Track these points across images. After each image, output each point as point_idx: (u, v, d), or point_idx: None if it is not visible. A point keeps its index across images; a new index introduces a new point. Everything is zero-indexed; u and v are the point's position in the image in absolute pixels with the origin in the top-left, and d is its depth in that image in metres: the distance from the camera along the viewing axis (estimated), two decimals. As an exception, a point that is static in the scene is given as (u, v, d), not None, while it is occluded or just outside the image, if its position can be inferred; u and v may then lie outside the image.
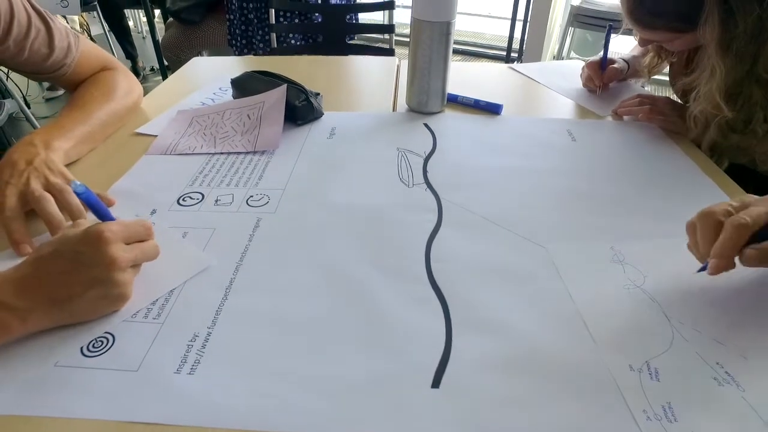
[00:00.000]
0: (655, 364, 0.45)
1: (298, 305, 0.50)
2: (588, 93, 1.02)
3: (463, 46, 4.10)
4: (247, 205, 0.65)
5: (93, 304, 0.47)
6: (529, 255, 0.58)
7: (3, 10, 0.70)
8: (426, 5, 0.81)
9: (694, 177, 0.75)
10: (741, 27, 0.68)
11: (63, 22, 0.83)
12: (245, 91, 0.92)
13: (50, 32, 0.77)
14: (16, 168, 0.63)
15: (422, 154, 0.77)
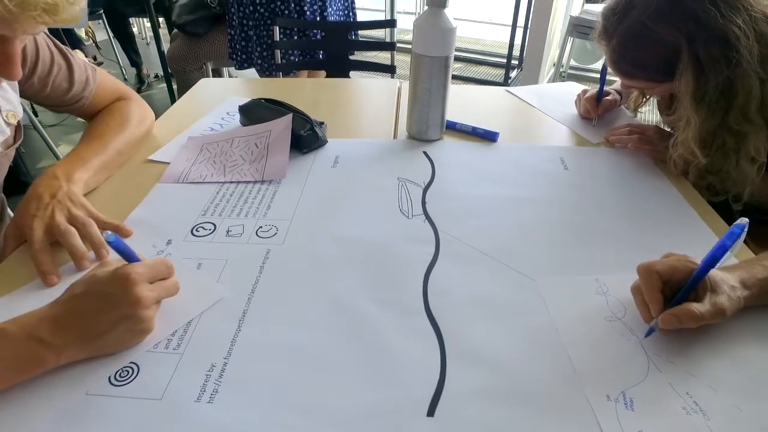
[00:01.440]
0: (630, 394, 0.50)
1: (305, 338, 0.55)
2: (581, 119, 1.06)
3: (464, 53, 4.15)
4: (257, 236, 0.70)
5: (120, 338, 0.51)
6: (519, 288, 0.62)
7: (29, 51, 0.75)
8: (426, 42, 0.85)
9: (678, 208, 0.79)
10: (712, 84, 0.73)
11: (81, 56, 0.88)
12: (252, 118, 0.96)
13: (70, 68, 0.82)
14: (41, 201, 0.68)
15: (421, 183, 0.82)
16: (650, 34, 0.77)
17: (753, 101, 0.73)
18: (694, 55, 0.74)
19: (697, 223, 0.75)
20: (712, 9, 0.71)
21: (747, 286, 0.56)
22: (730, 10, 0.70)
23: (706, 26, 0.71)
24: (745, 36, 0.70)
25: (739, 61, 0.71)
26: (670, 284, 0.56)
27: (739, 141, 0.77)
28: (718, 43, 0.71)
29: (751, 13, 0.70)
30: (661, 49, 0.77)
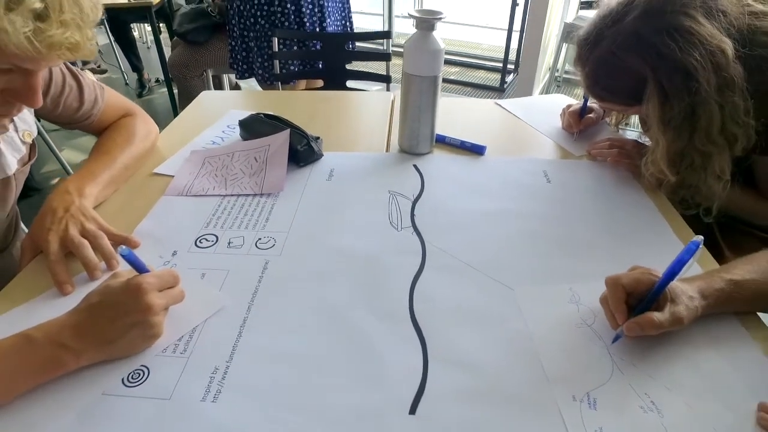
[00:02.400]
0: (594, 395, 0.55)
1: (300, 342, 0.60)
2: (565, 133, 1.12)
3: (461, 57, 4.20)
4: (256, 247, 0.75)
5: (132, 342, 0.57)
6: (498, 297, 0.67)
7: (43, 74, 0.80)
8: (415, 62, 0.90)
9: (652, 221, 0.84)
10: (676, 109, 0.79)
11: (90, 76, 0.93)
12: (252, 132, 1.02)
13: (81, 88, 0.87)
14: (56, 215, 0.73)
15: (411, 197, 0.87)
16: (619, 63, 0.82)
17: (714, 125, 0.79)
18: (659, 84, 0.79)
19: (669, 235, 0.81)
20: (671, 43, 0.76)
21: (705, 296, 0.62)
22: (687, 44, 0.76)
23: (667, 59, 0.77)
24: (702, 68, 0.75)
25: (699, 90, 0.76)
26: (634, 295, 0.61)
27: (704, 160, 0.82)
28: (679, 73, 0.77)
29: (707, 47, 0.75)
30: (629, 78, 0.83)
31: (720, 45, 0.75)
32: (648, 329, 0.57)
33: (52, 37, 0.54)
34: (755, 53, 0.79)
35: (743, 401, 0.54)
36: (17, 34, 0.52)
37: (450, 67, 4.08)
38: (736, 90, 0.78)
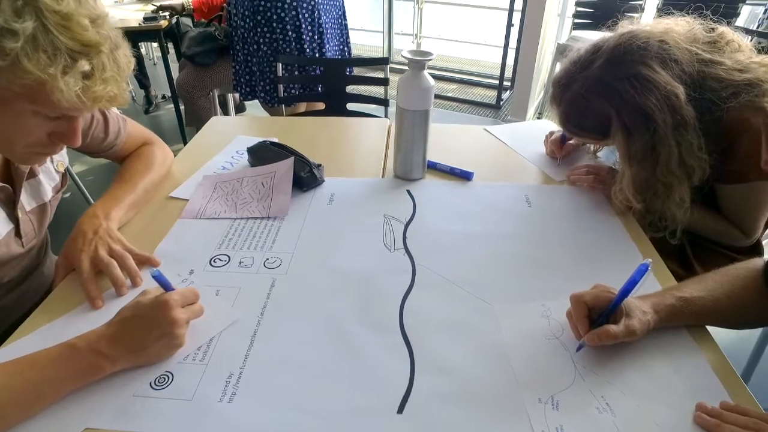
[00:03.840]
0: (557, 398, 0.64)
1: (303, 351, 0.69)
2: (548, 159, 1.21)
3: (459, 74, 4.32)
4: (265, 267, 0.84)
5: (159, 351, 0.66)
6: (479, 312, 0.76)
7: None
8: (408, 98, 1.00)
9: (622, 243, 0.93)
10: (639, 145, 0.89)
11: (114, 110, 1.03)
12: (259, 159, 1.11)
13: (106, 121, 0.97)
14: (86, 238, 0.82)
15: (403, 220, 0.96)
16: (587, 105, 0.92)
17: (673, 159, 0.89)
18: (623, 123, 0.89)
19: (635, 256, 0.90)
20: (631, 89, 0.87)
21: (657, 311, 0.71)
22: (645, 90, 0.86)
23: (629, 102, 0.87)
24: (659, 109, 0.85)
25: (657, 129, 0.87)
26: (595, 310, 0.70)
27: (666, 190, 0.92)
28: (639, 114, 0.87)
29: (662, 92, 0.86)
30: (596, 117, 0.93)
31: (673, 90, 0.86)
32: (605, 339, 0.66)
33: (96, 92, 0.64)
34: (705, 96, 0.89)
35: (686, 402, 0.63)
36: (69, 92, 0.61)
37: (448, 84, 4.19)
38: (690, 128, 0.88)
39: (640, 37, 0.90)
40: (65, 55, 0.61)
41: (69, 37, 0.61)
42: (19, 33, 0.58)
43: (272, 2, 1.87)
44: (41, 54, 0.60)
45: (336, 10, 2.08)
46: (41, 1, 0.60)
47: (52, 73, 0.60)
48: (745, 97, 0.90)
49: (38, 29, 0.59)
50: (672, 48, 0.90)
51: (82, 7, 0.64)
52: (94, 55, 0.64)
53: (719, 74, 0.91)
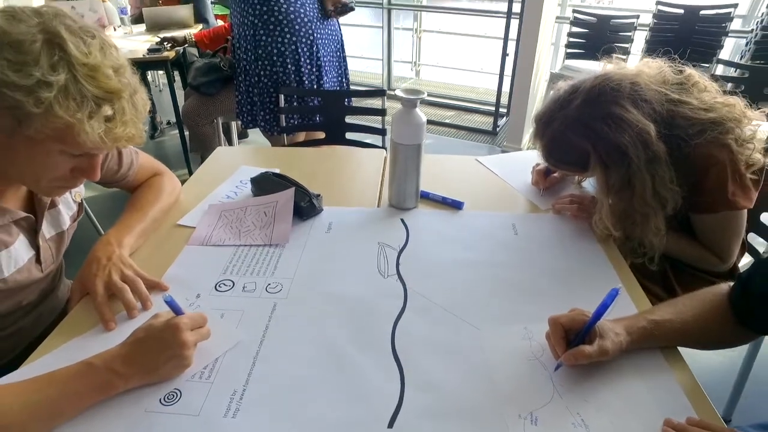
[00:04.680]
0: (536, 414, 0.69)
1: (302, 370, 0.75)
2: (534, 188, 1.28)
3: (456, 101, 4.44)
4: (266, 291, 0.90)
5: (169, 371, 0.71)
6: (466, 334, 0.82)
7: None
8: (401, 133, 1.08)
9: (602, 269, 0.99)
10: (616, 178, 0.96)
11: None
12: (261, 189, 1.18)
13: (120, 154, 1.04)
14: (100, 264, 0.89)
15: (397, 247, 1.03)
16: (567, 141, 1.00)
17: (647, 190, 0.96)
18: (600, 158, 0.97)
19: (614, 281, 0.96)
20: (606, 127, 0.94)
21: (629, 333, 0.76)
22: (619, 128, 0.93)
23: (605, 139, 0.94)
24: (633, 146, 0.93)
25: (631, 163, 0.94)
26: (572, 331, 0.76)
27: (643, 219, 0.99)
28: (615, 150, 0.94)
29: (635, 129, 0.93)
30: (575, 152, 1.00)
31: (645, 128, 0.93)
32: (580, 359, 0.72)
33: (116, 134, 0.72)
34: (674, 133, 0.96)
35: (655, 418, 0.68)
36: (94, 133, 0.69)
37: (446, 111, 4.30)
38: (662, 163, 0.95)
39: (614, 79, 0.98)
40: (91, 102, 0.69)
41: (95, 85, 0.69)
42: (53, 84, 0.65)
43: (272, 37, 1.96)
44: (71, 101, 0.67)
45: (334, 44, 2.17)
46: (73, 56, 0.67)
47: (79, 117, 0.68)
48: (710, 134, 0.97)
49: (69, 80, 0.67)
50: (643, 89, 0.98)
51: (106, 59, 0.72)
52: (116, 100, 0.72)
53: (687, 113, 0.98)
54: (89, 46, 0.70)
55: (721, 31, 3.30)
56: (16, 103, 0.65)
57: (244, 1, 1.96)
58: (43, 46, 0.66)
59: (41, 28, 0.67)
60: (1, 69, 0.64)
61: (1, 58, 0.64)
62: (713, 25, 3.32)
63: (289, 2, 1.94)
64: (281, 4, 1.93)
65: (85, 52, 0.69)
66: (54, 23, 0.68)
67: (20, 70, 0.65)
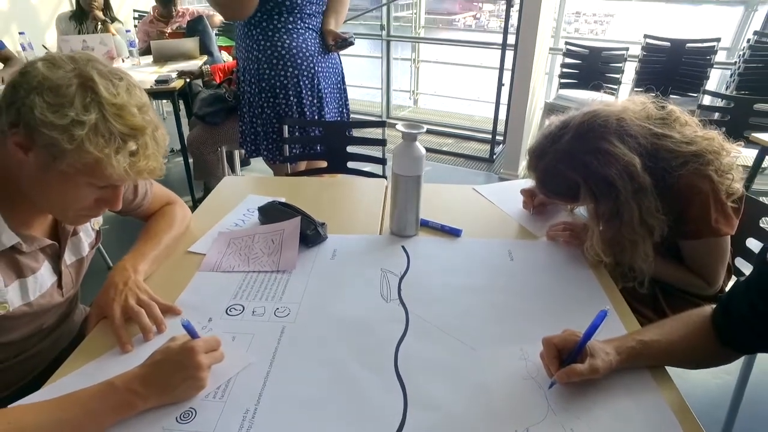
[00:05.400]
0: (532, 430, 0.73)
1: (311, 389, 0.79)
2: (529, 215, 1.34)
3: (454, 130, 4.54)
4: (275, 315, 0.95)
5: (185, 391, 0.75)
6: (465, 355, 0.87)
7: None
8: (402, 165, 1.14)
9: (594, 293, 1.04)
10: (605, 208, 1.02)
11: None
12: (269, 217, 1.24)
13: (136, 185, 1.10)
14: (117, 289, 0.94)
15: (398, 273, 1.08)
16: (559, 173, 1.06)
17: (635, 219, 1.02)
18: (590, 190, 1.03)
19: (605, 304, 1.00)
20: (595, 161, 1.01)
21: (619, 353, 0.81)
22: (606, 162, 1.00)
23: (594, 172, 1.01)
24: (620, 178, 0.99)
25: (619, 194, 1.00)
26: (564, 351, 0.81)
27: (632, 246, 1.05)
28: (603, 183, 1.01)
29: (622, 162, 1.00)
30: (567, 184, 1.07)
31: (631, 161, 1.00)
32: (572, 377, 0.76)
33: (140, 167, 0.78)
34: (659, 166, 1.03)
35: (642, 435, 0.73)
36: (119, 168, 0.75)
37: (444, 139, 4.40)
38: (648, 193, 1.01)
39: (601, 115, 1.05)
40: (118, 138, 0.75)
41: (122, 123, 0.75)
42: (85, 123, 0.72)
43: (276, 71, 2.05)
44: (100, 138, 0.73)
45: (335, 76, 2.26)
46: (103, 97, 0.74)
47: (107, 152, 0.74)
48: (692, 165, 1.04)
49: (99, 119, 0.73)
50: (628, 124, 1.05)
51: (132, 98, 0.78)
52: (140, 136, 0.78)
53: (670, 146, 1.05)
54: (117, 87, 0.77)
55: (706, 63, 3.43)
56: (52, 141, 0.71)
57: (248, 37, 2.05)
58: (78, 89, 0.73)
59: (76, 73, 0.74)
60: (41, 110, 0.70)
61: (42, 101, 0.71)
62: (699, 57, 3.45)
63: (291, 38, 2.03)
64: (284, 40, 2.01)
65: (113, 93, 0.76)
66: (87, 68, 0.75)
67: (57, 111, 0.71)
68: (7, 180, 0.79)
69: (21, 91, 0.72)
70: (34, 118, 0.71)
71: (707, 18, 5.47)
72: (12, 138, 0.74)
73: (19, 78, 0.74)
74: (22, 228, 0.84)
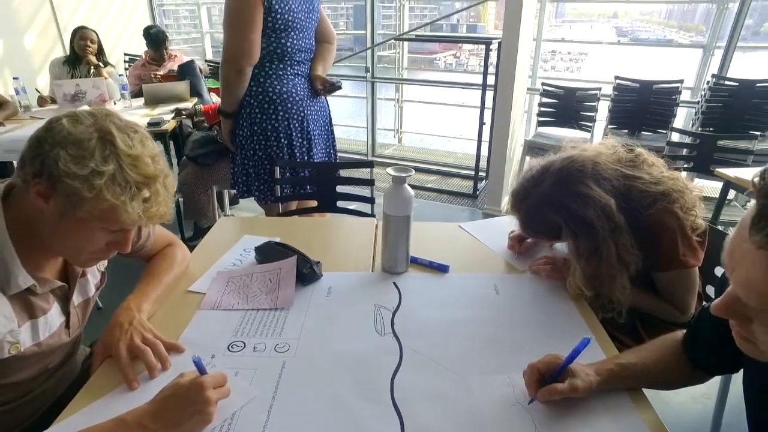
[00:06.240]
0: (521, 454, 0.79)
1: (312, 420, 0.84)
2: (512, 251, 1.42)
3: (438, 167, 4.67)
4: (275, 351, 1.00)
5: (193, 425, 0.79)
6: (456, 384, 0.92)
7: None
8: (392, 206, 1.21)
9: (575, 323, 1.11)
10: (585, 246, 1.11)
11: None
12: (265, 256, 1.29)
13: (140, 228, 1.15)
14: (122, 328, 0.98)
15: (391, 308, 1.14)
16: (542, 215, 1.15)
17: (612, 255, 1.10)
18: (571, 229, 1.12)
19: (586, 334, 1.07)
20: (574, 203, 1.10)
21: (599, 374, 0.87)
22: (584, 204, 1.09)
23: (574, 214, 1.10)
24: (598, 218, 1.08)
25: (597, 233, 1.09)
26: (548, 373, 0.87)
27: (610, 280, 1.12)
28: (583, 223, 1.10)
29: (599, 204, 1.09)
30: (549, 225, 1.15)
31: (607, 202, 1.09)
32: (553, 395, 0.83)
33: (152, 213, 0.84)
34: (631, 206, 1.12)
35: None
36: (134, 213, 0.81)
37: (428, 176, 4.52)
38: (623, 231, 1.10)
39: (578, 161, 1.15)
40: (133, 186, 0.81)
41: (136, 172, 0.82)
42: (104, 173, 0.78)
43: (267, 115, 2.14)
44: (117, 186, 0.80)
45: (323, 119, 2.36)
46: (120, 149, 0.81)
47: (123, 200, 0.80)
48: (661, 204, 1.14)
49: (116, 169, 0.80)
50: (603, 168, 1.14)
51: (145, 149, 0.85)
52: (152, 184, 0.85)
53: (640, 187, 1.15)
54: (132, 139, 0.84)
55: (672, 102, 3.64)
56: (74, 190, 0.77)
57: (241, 83, 2.14)
58: (98, 142, 0.80)
59: (96, 128, 0.81)
60: (64, 162, 0.77)
61: (66, 154, 0.77)
62: (665, 97, 3.66)
63: (282, 84, 2.13)
64: (275, 86, 2.11)
65: (129, 144, 0.83)
66: (106, 122, 0.82)
67: (79, 162, 0.78)
68: (27, 225, 0.85)
69: (46, 145, 0.79)
70: (58, 169, 0.77)
71: (671, 59, 5.80)
72: (35, 187, 0.80)
73: (44, 133, 0.81)
74: (35, 270, 0.89)
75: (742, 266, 0.56)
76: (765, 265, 0.53)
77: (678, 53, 7.36)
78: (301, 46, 2.13)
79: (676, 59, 5.27)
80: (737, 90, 3.46)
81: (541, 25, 4.25)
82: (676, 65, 4.94)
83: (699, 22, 11.99)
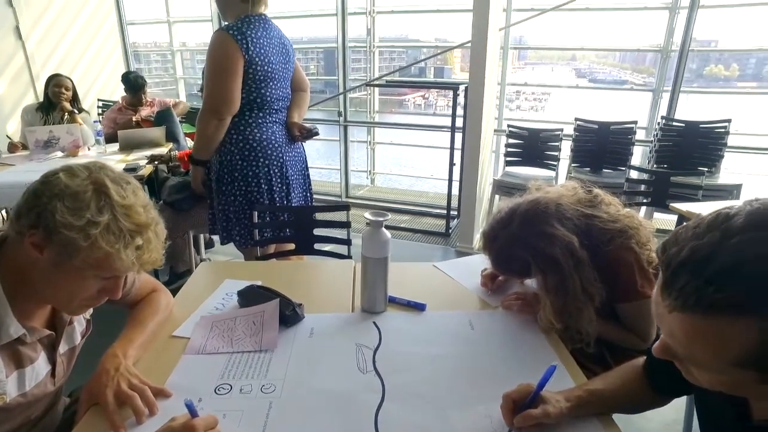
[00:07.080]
0: (500, 481, 0.83)
1: (300, 459, 0.87)
2: (484, 288, 1.49)
3: (410, 206, 4.78)
4: (262, 392, 1.03)
5: (186, 467, 0.82)
6: (437, 416, 0.97)
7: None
8: (371, 249, 1.28)
9: (546, 355, 1.18)
10: (553, 282, 1.19)
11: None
12: (248, 300, 1.33)
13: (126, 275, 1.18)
14: (109, 375, 1.00)
15: (372, 347, 1.19)
16: (511, 254, 1.24)
17: (578, 289, 1.19)
18: (539, 266, 1.20)
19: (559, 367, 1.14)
20: (541, 243, 1.19)
21: (568, 400, 0.94)
22: (550, 243, 1.19)
23: (541, 252, 1.19)
24: (563, 255, 1.17)
25: (563, 270, 1.18)
26: (521, 401, 0.92)
27: (577, 313, 1.21)
28: (550, 259, 1.19)
29: (563, 242, 1.18)
30: (519, 263, 1.24)
31: (570, 240, 1.18)
32: (528, 420, 0.89)
33: (144, 259, 0.88)
34: (592, 243, 1.22)
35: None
36: (127, 261, 0.85)
37: (401, 216, 4.62)
38: (586, 266, 1.19)
39: (542, 203, 1.24)
40: (126, 235, 0.86)
41: (130, 221, 0.87)
42: (100, 223, 0.83)
43: (248, 161, 2.20)
44: (111, 235, 0.84)
45: (300, 164, 2.44)
46: (114, 200, 0.86)
47: (117, 248, 0.84)
48: (618, 240, 1.24)
49: (111, 219, 0.84)
50: (565, 209, 1.24)
51: (138, 199, 0.90)
52: (144, 232, 0.89)
53: (599, 225, 1.25)
54: (125, 190, 0.89)
55: (628, 141, 3.88)
56: (70, 240, 0.81)
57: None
58: (93, 194, 0.85)
59: (91, 180, 0.86)
60: (61, 214, 0.81)
61: (62, 206, 0.82)
62: (621, 136, 3.90)
63: (261, 131, 2.21)
64: (255, 134, 2.19)
65: (123, 195, 0.88)
66: (100, 175, 0.87)
67: (75, 213, 0.82)
68: (19, 275, 0.88)
69: (43, 197, 0.83)
70: (55, 220, 0.81)
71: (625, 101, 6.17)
72: (30, 238, 0.83)
73: (40, 186, 0.85)
74: (25, 319, 0.91)
75: (664, 323, 0.65)
76: (678, 324, 0.62)
77: (631, 96, 7.83)
78: (279, 95, 2.23)
79: (630, 100, 5.61)
80: (684, 130, 3.73)
81: (504, 69, 4.48)
82: (630, 106, 5.26)
83: (649, 64, 12.92)
